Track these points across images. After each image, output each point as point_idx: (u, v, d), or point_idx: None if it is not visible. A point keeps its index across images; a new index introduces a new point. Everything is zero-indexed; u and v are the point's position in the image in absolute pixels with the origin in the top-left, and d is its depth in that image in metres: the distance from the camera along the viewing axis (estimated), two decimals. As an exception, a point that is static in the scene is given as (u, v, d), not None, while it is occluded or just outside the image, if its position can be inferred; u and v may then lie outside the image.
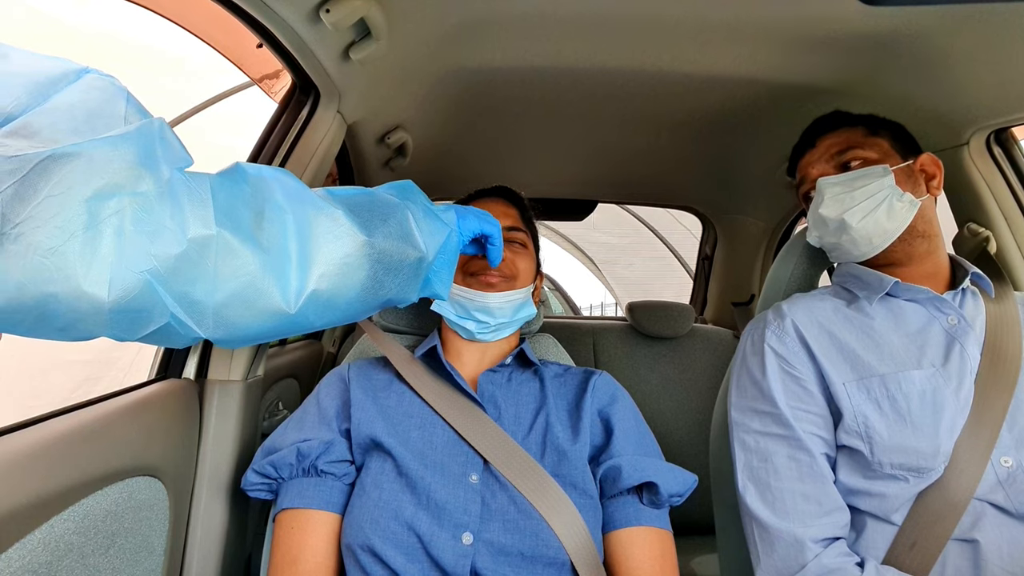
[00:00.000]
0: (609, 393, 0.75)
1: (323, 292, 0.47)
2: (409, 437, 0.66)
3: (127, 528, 0.60)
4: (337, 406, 0.70)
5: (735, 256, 1.85)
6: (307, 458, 0.65)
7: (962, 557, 0.60)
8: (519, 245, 0.79)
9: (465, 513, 0.60)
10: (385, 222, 0.53)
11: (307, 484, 0.65)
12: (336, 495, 0.65)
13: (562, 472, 0.65)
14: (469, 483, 0.63)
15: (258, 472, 0.66)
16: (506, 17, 0.82)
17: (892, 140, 0.76)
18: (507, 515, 0.61)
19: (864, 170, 0.73)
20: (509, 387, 0.74)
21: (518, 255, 0.78)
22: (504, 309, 0.74)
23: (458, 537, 0.59)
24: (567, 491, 0.63)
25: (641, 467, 0.66)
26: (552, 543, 0.59)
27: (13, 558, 0.46)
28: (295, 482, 0.65)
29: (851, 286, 0.77)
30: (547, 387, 0.74)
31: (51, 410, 0.59)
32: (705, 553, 1.29)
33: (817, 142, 0.79)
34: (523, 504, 0.61)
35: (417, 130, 1.19)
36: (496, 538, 0.59)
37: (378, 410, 0.69)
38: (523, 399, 0.73)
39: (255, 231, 0.44)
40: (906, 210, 0.72)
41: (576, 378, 0.77)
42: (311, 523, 0.63)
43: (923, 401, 0.64)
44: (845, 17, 0.77)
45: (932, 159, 0.77)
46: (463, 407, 0.69)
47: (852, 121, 0.79)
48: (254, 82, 1.14)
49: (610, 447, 0.69)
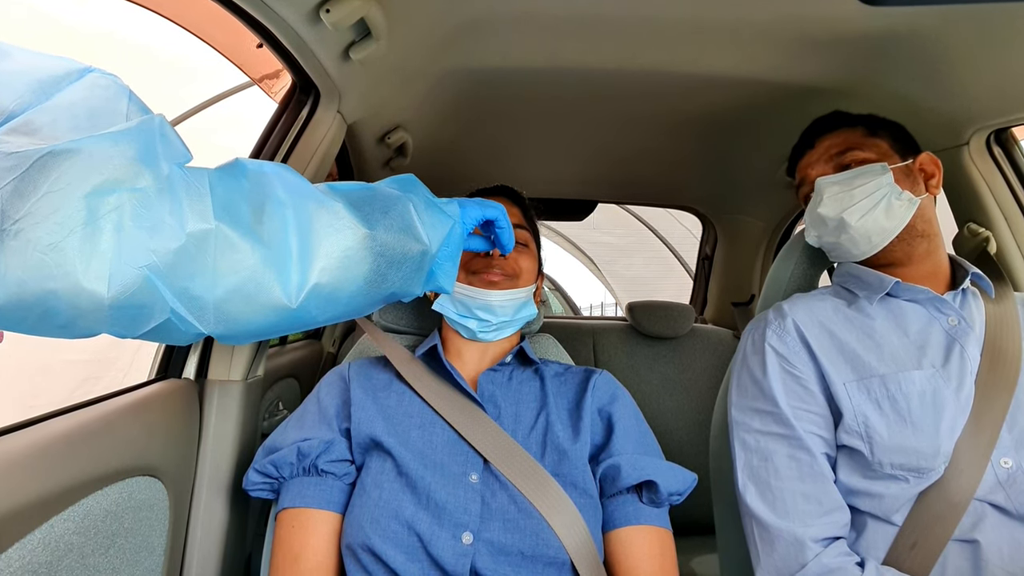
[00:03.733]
0: (610, 392, 0.75)
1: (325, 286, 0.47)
2: (409, 437, 0.66)
3: (127, 528, 0.60)
4: (337, 405, 0.70)
5: (735, 256, 1.85)
6: (307, 457, 0.65)
7: (962, 558, 0.60)
8: (522, 244, 0.78)
9: (465, 513, 0.60)
10: (386, 214, 0.53)
11: (308, 483, 0.65)
12: (337, 494, 0.65)
13: (562, 471, 0.65)
14: (469, 483, 0.63)
15: (259, 471, 0.66)
16: (506, 17, 0.82)
17: (891, 140, 0.76)
18: (507, 514, 0.61)
19: (862, 168, 0.73)
20: (509, 386, 0.74)
21: (521, 254, 0.78)
22: (506, 308, 0.74)
23: (458, 537, 0.59)
24: (567, 490, 0.63)
25: (641, 466, 0.66)
26: (552, 543, 0.59)
27: (13, 558, 0.46)
28: (296, 481, 0.65)
29: (851, 286, 0.77)
30: (547, 386, 0.74)
31: (51, 410, 0.59)
32: (705, 553, 1.29)
33: (816, 143, 0.79)
34: (523, 503, 0.61)
35: (417, 130, 1.19)
36: (496, 537, 0.59)
37: (378, 410, 0.69)
38: (523, 398, 0.73)
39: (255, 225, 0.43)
40: (905, 208, 0.72)
41: (577, 377, 0.77)
42: (312, 522, 0.63)
43: (923, 401, 0.64)
44: (845, 17, 0.77)
45: (931, 158, 0.77)
46: (463, 406, 0.69)
47: (851, 122, 0.78)
48: (254, 82, 1.14)
49: (610, 446, 0.69)
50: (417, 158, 1.31)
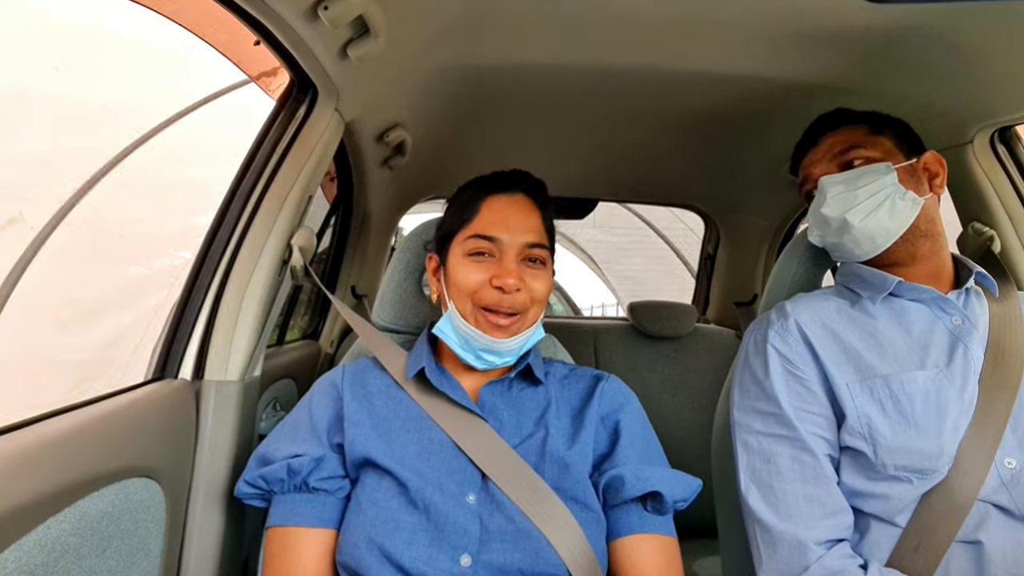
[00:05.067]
0: (617, 400, 0.72)
1: None
2: (406, 454, 0.64)
3: (123, 530, 0.59)
4: (329, 418, 0.67)
5: (738, 255, 1.84)
6: (298, 475, 0.62)
7: (966, 559, 0.60)
8: (539, 263, 0.69)
9: (464, 535, 0.59)
10: None
11: (299, 500, 0.63)
12: (329, 511, 0.63)
13: (563, 486, 0.63)
14: (467, 504, 0.61)
15: (249, 483, 0.65)
16: (505, 14, 0.82)
17: (895, 138, 0.76)
18: (506, 535, 0.59)
19: (866, 168, 0.73)
20: (511, 394, 0.71)
21: (537, 277, 0.68)
22: (513, 350, 0.68)
23: (456, 559, 0.57)
24: (568, 505, 0.61)
25: (645, 477, 0.64)
26: (552, 560, 0.58)
27: (8, 560, 0.45)
28: (287, 497, 0.63)
29: (854, 286, 0.77)
30: (551, 393, 0.71)
31: (46, 410, 0.58)
32: (707, 555, 1.28)
33: (820, 140, 0.78)
34: (522, 522, 0.60)
35: (416, 128, 1.19)
36: (495, 559, 0.58)
37: (373, 425, 0.66)
38: (525, 405, 0.70)
39: None
40: (909, 209, 0.71)
41: (583, 382, 0.74)
42: (303, 543, 0.62)
43: (927, 402, 0.64)
44: (848, 14, 0.76)
45: (935, 157, 0.76)
46: (462, 417, 0.66)
47: (855, 119, 0.78)
48: (252, 79, 1.14)
49: (614, 455, 0.67)
50: (415, 156, 1.30)
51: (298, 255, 0.84)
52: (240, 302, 0.78)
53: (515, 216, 0.69)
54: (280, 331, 1.40)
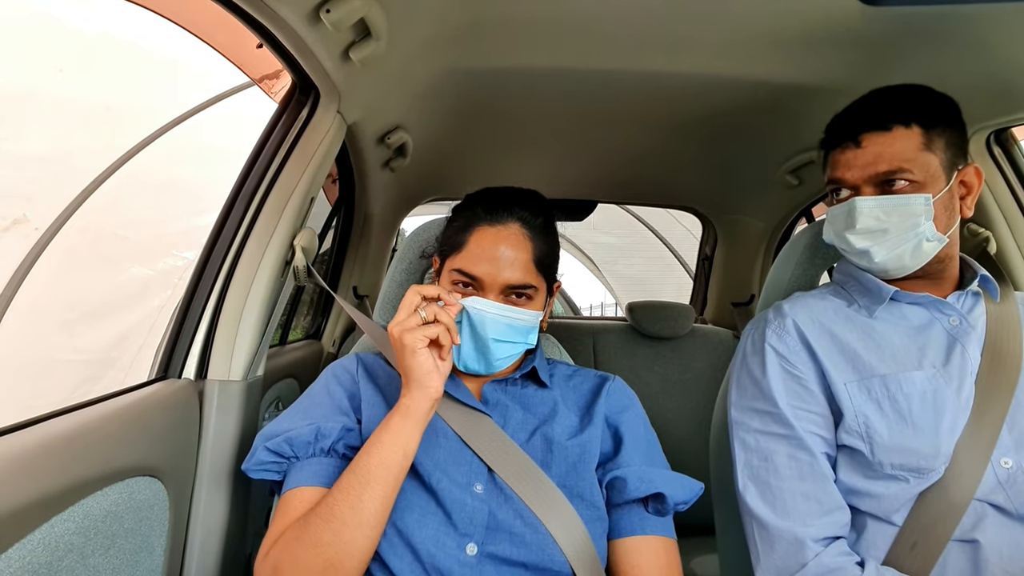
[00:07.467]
0: (622, 401, 0.73)
1: None
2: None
3: (127, 528, 0.60)
4: (349, 398, 0.69)
5: (735, 256, 1.85)
6: (327, 438, 0.62)
7: (962, 558, 0.60)
8: (524, 297, 0.67)
9: (471, 523, 0.60)
10: None
11: (326, 463, 0.62)
12: None
13: (569, 483, 0.64)
14: (474, 492, 0.62)
15: (272, 450, 0.62)
16: (506, 18, 0.82)
17: (946, 148, 0.68)
18: (514, 529, 0.60)
19: (904, 200, 0.67)
20: (515, 391, 0.73)
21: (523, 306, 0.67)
22: (503, 361, 0.69)
23: (463, 547, 0.58)
24: (573, 502, 0.62)
25: (648, 478, 0.65)
26: (557, 556, 0.59)
27: (13, 558, 0.46)
28: (312, 461, 0.62)
29: (851, 290, 0.77)
30: (556, 392, 0.73)
31: (51, 410, 0.59)
32: (705, 553, 1.29)
33: (863, 140, 0.68)
34: (529, 517, 0.60)
35: (417, 130, 1.19)
36: (501, 552, 0.59)
37: (387, 409, 0.67)
38: (530, 402, 0.72)
39: None
40: (932, 249, 0.69)
41: (588, 382, 0.76)
42: None
43: (924, 402, 0.64)
44: (845, 17, 0.76)
45: (976, 171, 0.71)
46: (468, 413, 0.67)
47: (905, 118, 0.67)
48: (254, 82, 1.14)
49: (618, 457, 0.68)
50: (416, 158, 1.31)
51: (301, 256, 0.84)
52: (243, 302, 0.79)
53: (502, 254, 0.66)
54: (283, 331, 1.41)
